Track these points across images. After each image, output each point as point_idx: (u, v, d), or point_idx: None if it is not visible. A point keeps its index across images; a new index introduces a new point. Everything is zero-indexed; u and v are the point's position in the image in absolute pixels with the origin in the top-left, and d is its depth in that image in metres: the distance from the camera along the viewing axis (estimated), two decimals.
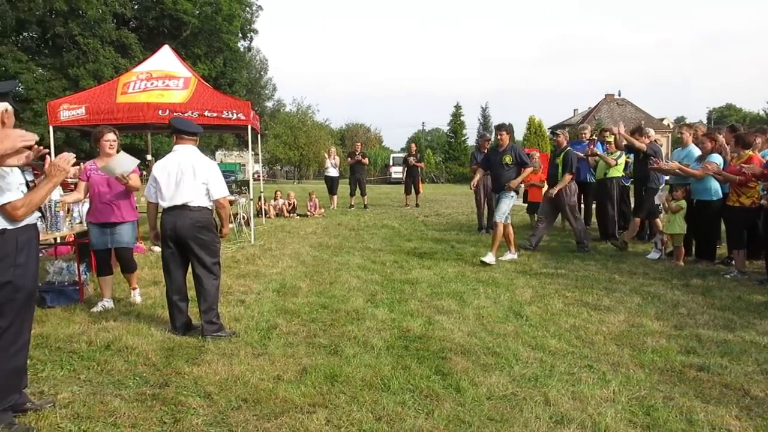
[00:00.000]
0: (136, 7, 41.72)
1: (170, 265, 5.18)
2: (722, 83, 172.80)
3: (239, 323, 5.45)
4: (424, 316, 5.73)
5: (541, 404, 3.71)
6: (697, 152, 8.64)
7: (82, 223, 6.66)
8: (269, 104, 65.24)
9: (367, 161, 19.13)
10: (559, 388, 3.95)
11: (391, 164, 49.47)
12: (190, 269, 5.27)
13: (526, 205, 13.30)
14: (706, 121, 79.05)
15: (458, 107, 57.11)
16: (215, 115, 10.14)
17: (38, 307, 5.85)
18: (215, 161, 5.72)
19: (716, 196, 8.16)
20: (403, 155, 34.22)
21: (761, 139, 8.10)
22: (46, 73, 37.23)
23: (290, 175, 58.61)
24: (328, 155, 19.28)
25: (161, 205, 5.18)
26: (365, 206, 18.31)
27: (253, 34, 51.97)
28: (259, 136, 14.47)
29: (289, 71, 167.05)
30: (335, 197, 18.64)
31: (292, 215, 15.87)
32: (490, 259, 8.34)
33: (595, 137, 12.10)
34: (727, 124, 19.32)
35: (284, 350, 4.72)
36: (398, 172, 38.24)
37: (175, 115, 9.45)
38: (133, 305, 6.16)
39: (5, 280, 3.25)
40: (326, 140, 50.44)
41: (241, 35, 48.92)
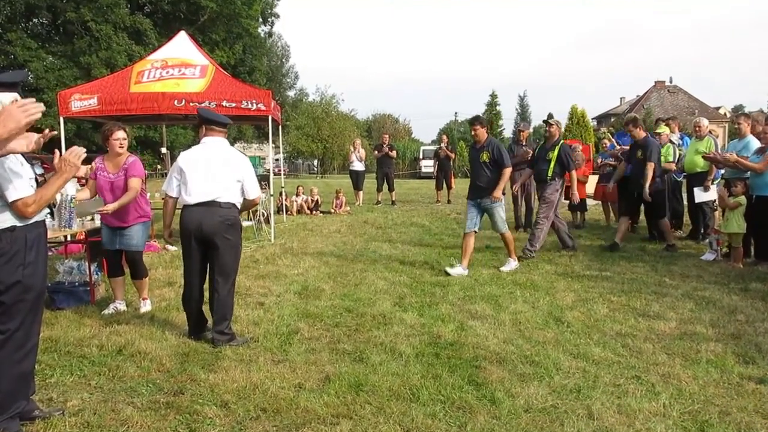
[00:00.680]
0: None
1: (193, 266, 5.17)
2: None
3: (258, 327, 5.49)
4: (456, 321, 5.71)
5: (583, 418, 3.66)
6: (755, 144, 8.45)
7: (93, 220, 6.76)
8: (291, 93, 65.63)
9: (395, 154, 19.08)
10: (603, 400, 3.90)
11: (421, 157, 49.31)
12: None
13: (567, 202, 13.15)
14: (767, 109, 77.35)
15: (494, 96, 56.94)
16: (234, 105, 10.24)
17: (47, 308, 5.98)
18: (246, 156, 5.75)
19: None
20: (433, 148, 34.18)
21: None
22: (56, 61, 37.89)
23: (312, 169, 58.91)
24: (353, 148, 19.27)
25: (185, 200, 5.12)
26: (393, 203, 18.31)
27: (274, 18, 52.31)
28: (280, 127, 14.60)
29: (312, 58, 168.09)
30: (361, 193, 18.66)
31: (314, 212, 15.95)
32: (510, 266, 8.13)
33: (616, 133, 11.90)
34: None
35: (306, 357, 4.74)
36: (429, 165, 38.10)
37: (201, 105, 9.57)
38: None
39: (14, 279, 3.30)
40: (351, 132, 50.56)
41: (261, 20, 49.20)
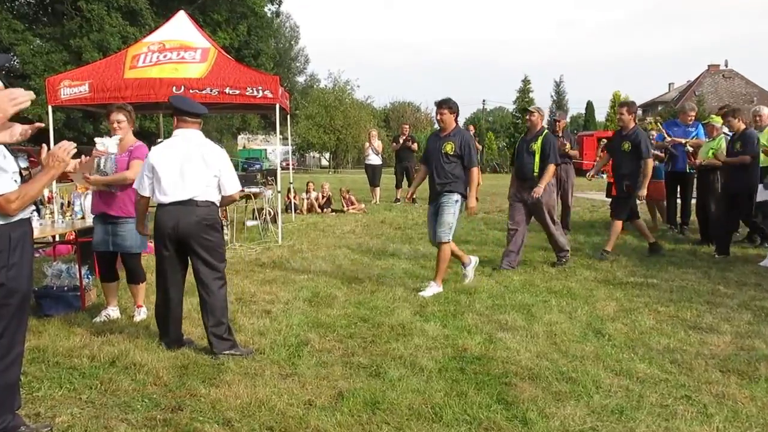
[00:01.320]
0: None
1: (168, 271, 5.23)
2: None
3: (264, 338, 5.51)
4: (483, 332, 5.70)
5: None
6: None
7: (84, 218, 6.82)
8: (300, 79, 66.00)
9: (416, 146, 18.98)
10: (649, 422, 3.87)
11: None
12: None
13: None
14: None
15: (527, 81, 56.94)
16: (238, 92, 10.29)
17: (33, 315, 6.04)
18: (223, 147, 5.73)
19: None
20: None
21: None
22: (44, 44, 38.33)
23: (322, 162, 59.06)
24: (369, 140, 19.27)
25: (158, 200, 5.17)
26: (414, 200, 18.27)
27: None
28: (288, 116, 14.64)
29: (324, 40, 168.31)
30: (377, 189, 18.65)
31: (326, 211, 16.00)
32: (433, 290, 7.20)
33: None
34: None
35: (317, 371, 4.75)
36: None
37: (205, 91, 9.56)
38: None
39: None
40: (367, 122, 50.74)
41: None
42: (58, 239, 7.69)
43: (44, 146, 3.89)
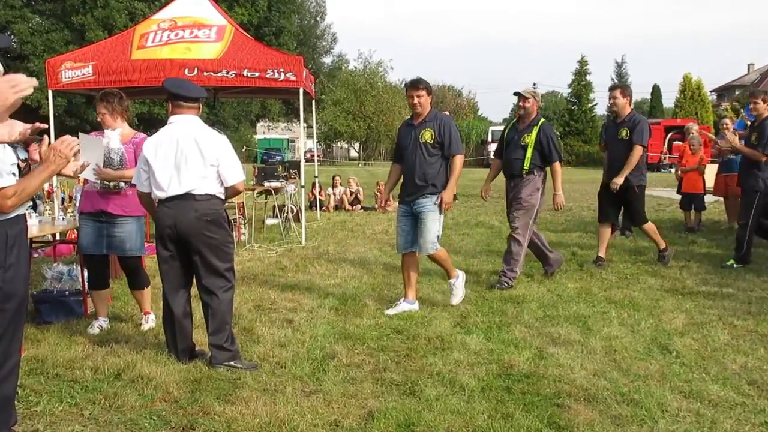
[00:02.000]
0: None
1: (170, 273, 5.27)
2: None
3: (285, 350, 5.54)
4: (533, 347, 5.67)
5: None
6: None
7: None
8: (327, 60, 66.27)
9: None
10: None
11: (489, 140, 49.12)
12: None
13: (679, 197, 12.94)
14: None
15: (583, 63, 56.17)
16: (257, 75, 10.36)
17: (31, 321, 6.14)
18: (224, 135, 5.70)
19: None
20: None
21: None
22: (44, 22, 39.02)
23: (351, 154, 59.18)
24: None
25: (156, 196, 5.21)
26: (454, 197, 18.22)
27: None
28: (313, 102, 14.68)
29: (353, 16, 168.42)
30: None
31: (355, 208, 16.02)
32: (458, 289, 7.15)
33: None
34: None
35: (344, 388, 4.76)
36: None
37: (216, 73, 9.65)
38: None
39: None
40: (402, 108, 50.60)
41: None
42: (58, 238, 7.79)
43: (45, 138, 3.94)
